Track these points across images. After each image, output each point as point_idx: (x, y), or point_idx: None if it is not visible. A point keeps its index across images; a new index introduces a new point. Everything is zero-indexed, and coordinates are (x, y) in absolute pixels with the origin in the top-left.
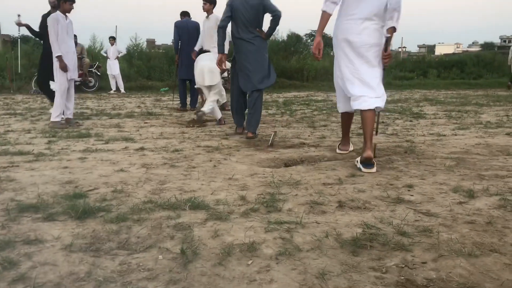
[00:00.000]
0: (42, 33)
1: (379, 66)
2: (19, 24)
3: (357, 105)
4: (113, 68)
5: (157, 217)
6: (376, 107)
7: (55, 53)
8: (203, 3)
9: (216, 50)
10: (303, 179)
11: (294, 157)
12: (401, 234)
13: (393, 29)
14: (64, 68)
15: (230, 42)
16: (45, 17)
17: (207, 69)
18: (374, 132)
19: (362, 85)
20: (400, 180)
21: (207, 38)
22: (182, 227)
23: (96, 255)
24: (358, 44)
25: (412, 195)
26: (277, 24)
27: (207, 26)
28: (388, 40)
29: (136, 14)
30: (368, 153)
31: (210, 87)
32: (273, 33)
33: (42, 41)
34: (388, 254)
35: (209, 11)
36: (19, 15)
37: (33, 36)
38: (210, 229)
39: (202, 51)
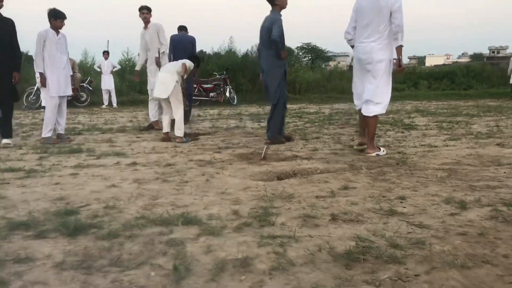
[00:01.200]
0: None
1: (382, 78)
2: None
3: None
4: (108, 83)
5: (149, 233)
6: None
7: (36, 69)
8: (146, 13)
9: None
10: (296, 192)
11: (287, 170)
12: (394, 247)
13: (400, 47)
14: (43, 84)
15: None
16: None
17: (159, 81)
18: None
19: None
20: (392, 192)
21: (152, 47)
22: (175, 243)
23: (87, 272)
24: (365, 61)
25: (404, 207)
26: (276, 47)
27: (149, 35)
28: (399, 57)
29: (127, 28)
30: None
31: (167, 101)
32: (280, 52)
33: None
34: (381, 267)
35: (149, 21)
36: None
37: None
38: (203, 245)
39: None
